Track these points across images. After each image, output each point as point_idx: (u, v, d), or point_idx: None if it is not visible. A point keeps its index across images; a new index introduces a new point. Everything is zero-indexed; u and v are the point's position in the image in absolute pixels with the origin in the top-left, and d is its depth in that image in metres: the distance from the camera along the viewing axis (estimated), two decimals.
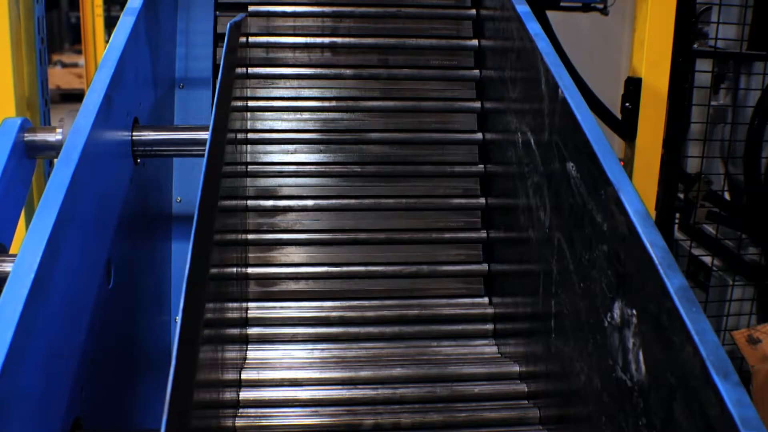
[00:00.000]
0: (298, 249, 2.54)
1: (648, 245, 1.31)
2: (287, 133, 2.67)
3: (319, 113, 2.69)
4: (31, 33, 2.67)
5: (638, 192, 1.46)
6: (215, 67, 2.74)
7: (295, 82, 2.73)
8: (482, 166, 2.64)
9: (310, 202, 2.57)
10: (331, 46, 2.75)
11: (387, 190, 2.61)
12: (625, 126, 2.88)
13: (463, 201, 2.64)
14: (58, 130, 1.99)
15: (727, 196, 4.43)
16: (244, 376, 2.14)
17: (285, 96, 2.71)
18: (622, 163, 2.83)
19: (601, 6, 4.54)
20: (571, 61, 3.13)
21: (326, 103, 2.69)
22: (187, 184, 2.68)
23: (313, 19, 2.82)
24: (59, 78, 10.33)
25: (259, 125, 2.69)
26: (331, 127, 2.69)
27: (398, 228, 2.57)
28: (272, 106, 2.70)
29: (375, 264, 2.52)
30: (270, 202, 2.56)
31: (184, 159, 2.64)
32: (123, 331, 1.96)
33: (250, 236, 2.50)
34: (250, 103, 2.65)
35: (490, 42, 2.66)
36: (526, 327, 2.16)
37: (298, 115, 2.69)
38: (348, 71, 2.73)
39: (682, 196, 4.16)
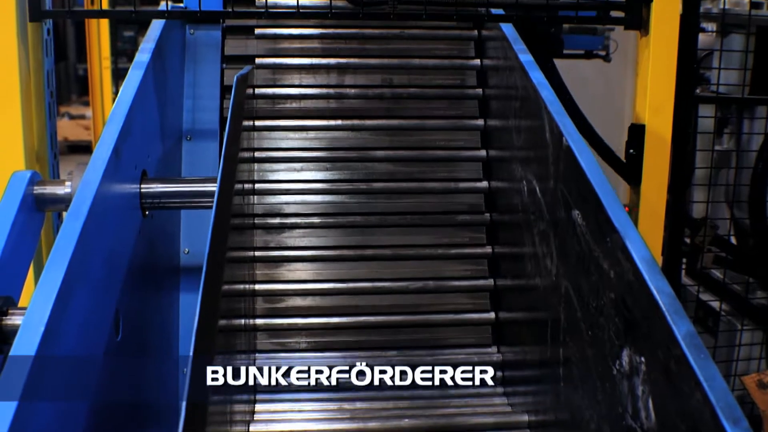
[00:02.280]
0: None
1: (655, 292, 1.31)
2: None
3: None
4: (40, 86, 2.70)
5: (644, 238, 1.47)
6: (222, 119, 2.77)
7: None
8: (488, 214, 2.67)
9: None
10: None
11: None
12: (630, 172, 2.89)
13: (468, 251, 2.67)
14: (67, 183, 2.01)
15: (733, 240, 4.43)
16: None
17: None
18: (627, 208, 2.85)
19: (603, 53, 4.59)
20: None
21: None
22: (194, 236, 2.70)
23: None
24: (67, 129, 10.39)
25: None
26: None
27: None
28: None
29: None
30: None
31: (191, 210, 2.65)
32: (131, 382, 1.96)
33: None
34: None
35: (494, 91, 2.70)
36: (535, 374, 2.15)
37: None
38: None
39: (688, 241, 4.16)
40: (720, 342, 4.35)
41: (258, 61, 2.83)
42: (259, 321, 2.48)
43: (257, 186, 2.65)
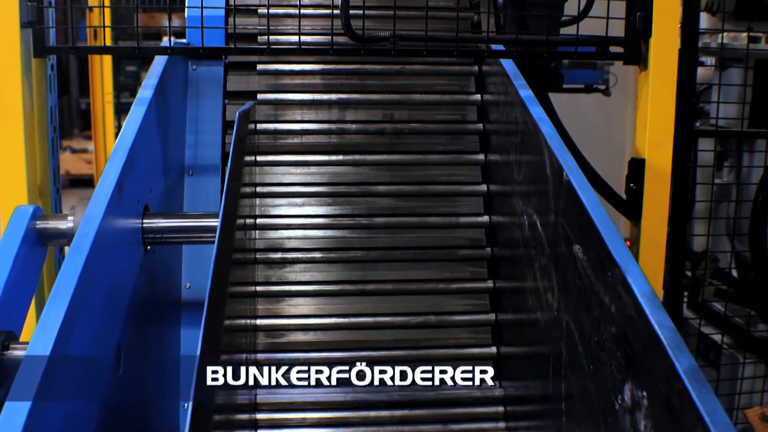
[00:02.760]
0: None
1: (656, 326, 1.32)
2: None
3: None
4: (43, 122, 2.71)
5: (645, 271, 1.47)
6: (224, 154, 2.78)
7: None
8: (489, 248, 2.67)
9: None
10: None
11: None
12: (630, 206, 2.89)
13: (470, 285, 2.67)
14: (70, 218, 2.02)
15: (734, 273, 4.42)
16: None
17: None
18: (628, 243, 2.85)
19: (603, 87, 4.62)
20: (574, 140, 3.16)
21: None
22: (196, 271, 2.70)
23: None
24: (69, 163, 10.42)
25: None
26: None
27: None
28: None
29: None
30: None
31: (193, 245, 2.66)
32: (132, 416, 1.96)
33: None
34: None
35: (494, 126, 2.71)
36: (538, 409, 2.14)
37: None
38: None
39: (689, 274, 4.16)
40: (722, 375, 4.33)
41: (260, 96, 2.85)
42: (261, 356, 2.48)
43: (259, 221, 2.66)
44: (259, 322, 2.50)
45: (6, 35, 2.49)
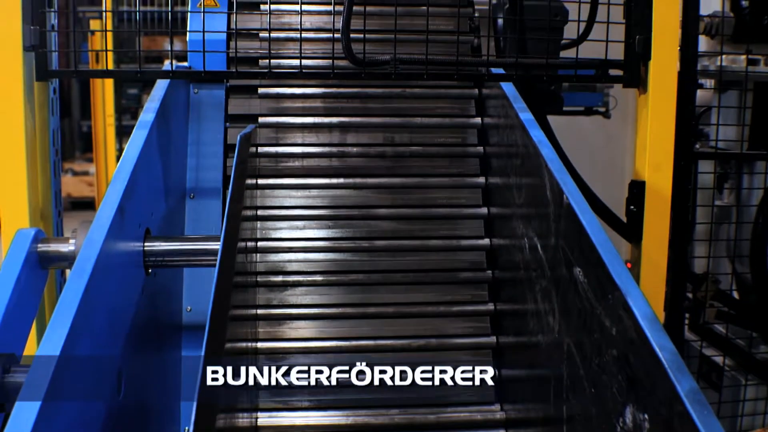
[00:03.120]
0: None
1: (657, 349, 1.32)
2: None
3: None
4: (45, 144, 2.72)
5: (646, 293, 1.47)
6: (225, 177, 2.79)
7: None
8: (490, 271, 2.68)
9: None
10: None
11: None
12: (631, 228, 2.90)
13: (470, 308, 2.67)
14: (71, 241, 2.02)
15: (735, 295, 4.42)
16: None
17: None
18: (629, 265, 2.85)
19: (603, 109, 4.63)
20: (575, 162, 3.17)
21: None
22: (197, 294, 2.70)
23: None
24: (70, 186, 10.44)
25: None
26: None
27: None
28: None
29: None
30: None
31: (194, 268, 2.66)
32: None
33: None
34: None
35: (495, 149, 2.72)
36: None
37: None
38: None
39: (690, 296, 4.15)
40: (724, 397, 4.32)
41: (261, 120, 2.86)
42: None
43: (260, 244, 2.66)
44: (260, 345, 2.50)
45: (9, 59, 2.51)
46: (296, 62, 2.70)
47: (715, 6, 3.72)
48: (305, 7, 2.98)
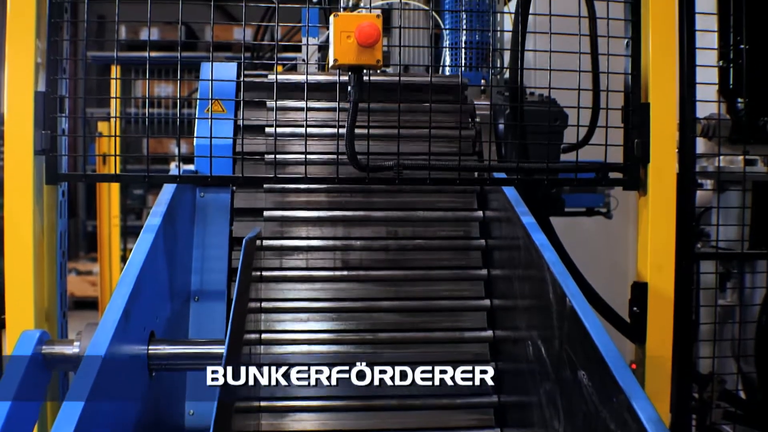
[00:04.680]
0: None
1: None
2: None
3: None
4: (53, 246, 2.74)
5: (651, 395, 1.48)
6: (231, 270, 2.80)
7: None
8: (493, 363, 2.67)
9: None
10: None
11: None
12: (635, 329, 2.90)
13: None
14: (76, 343, 2.03)
15: (742, 394, 4.38)
16: None
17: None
18: (633, 366, 2.84)
19: (604, 210, 4.67)
20: (577, 261, 3.19)
21: None
22: (200, 397, 2.68)
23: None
24: (74, 285, 10.45)
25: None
26: None
27: None
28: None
29: None
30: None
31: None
32: None
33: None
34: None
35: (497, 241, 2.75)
36: None
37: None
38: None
39: (697, 396, 4.11)
40: None
41: (266, 214, 2.90)
42: None
43: (264, 336, 2.66)
44: None
45: (20, 162, 2.54)
46: (301, 157, 2.73)
47: (711, 108, 3.79)
48: (311, 104, 3.01)
